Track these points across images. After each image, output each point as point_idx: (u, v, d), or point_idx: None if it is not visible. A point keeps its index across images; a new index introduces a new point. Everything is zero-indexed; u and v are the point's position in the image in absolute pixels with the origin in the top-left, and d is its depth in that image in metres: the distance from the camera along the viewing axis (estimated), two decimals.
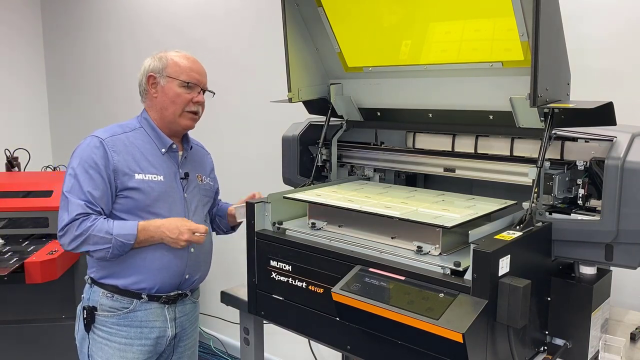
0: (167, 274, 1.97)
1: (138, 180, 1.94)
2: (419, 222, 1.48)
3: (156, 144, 2.03)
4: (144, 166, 1.97)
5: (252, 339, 2.08)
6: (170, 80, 1.99)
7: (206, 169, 2.22)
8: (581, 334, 1.54)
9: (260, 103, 3.22)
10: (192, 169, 2.11)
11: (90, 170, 1.90)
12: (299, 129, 2.16)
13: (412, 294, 1.37)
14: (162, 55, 2.04)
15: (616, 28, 2.07)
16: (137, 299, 1.96)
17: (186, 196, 2.04)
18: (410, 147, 2.01)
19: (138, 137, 2.02)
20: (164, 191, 1.98)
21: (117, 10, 4.36)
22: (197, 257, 2.04)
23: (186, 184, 2.05)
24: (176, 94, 1.99)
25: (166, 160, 2.03)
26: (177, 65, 2.00)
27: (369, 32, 1.87)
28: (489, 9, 1.56)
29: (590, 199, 1.55)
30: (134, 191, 1.93)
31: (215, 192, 2.27)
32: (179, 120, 2.02)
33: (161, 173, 1.99)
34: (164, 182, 1.98)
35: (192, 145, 2.18)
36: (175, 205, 2.00)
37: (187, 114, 2.03)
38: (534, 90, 1.41)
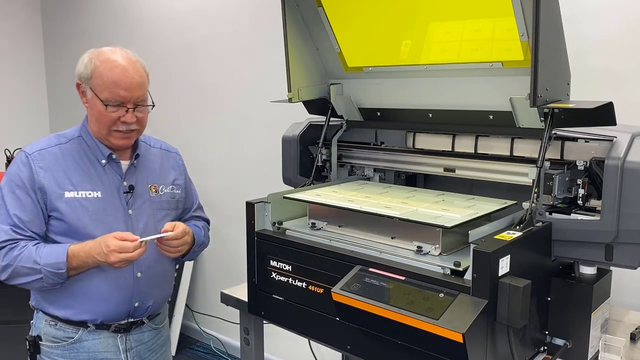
0: (111, 304, 1.76)
1: (68, 199, 1.71)
2: (419, 222, 1.48)
3: (95, 155, 1.79)
4: (77, 182, 1.74)
5: (252, 339, 2.08)
6: (94, 96, 1.72)
7: (167, 177, 1.94)
8: (581, 334, 1.54)
9: (260, 103, 3.22)
10: (142, 179, 1.87)
11: (17, 190, 1.70)
12: (299, 129, 2.16)
13: (412, 294, 1.37)
14: (92, 57, 1.75)
15: (616, 28, 2.07)
16: (84, 328, 1.76)
17: (131, 213, 1.80)
18: (410, 147, 2.01)
19: (75, 147, 1.79)
20: (102, 209, 1.75)
21: (117, 10, 4.37)
22: (148, 282, 1.82)
23: (131, 198, 1.81)
24: (100, 113, 1.73)
25: (107, 173, 1.79)
26: (100, 77, 1.70)
27: (369, 32, 1.87)
28: (489, 9, 1.56)
29: (590, 199, 1.55)
30: (63, 212, 1.71)
31: (182, 202, 2.00)
32: (108, 139, 1.78)
33: (99, 188, 1.76)
34: (101, 198, 1.76)
35: (150, 148, 1.95)
36: (117, 225, 1.76)
37: (116, 133, 1.76)
38: (534, 90, 1.41)
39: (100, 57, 1.73)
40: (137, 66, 1.75)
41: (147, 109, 1.81)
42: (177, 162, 2.03)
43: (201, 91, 3.78)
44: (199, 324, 4.07)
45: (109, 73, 1.70)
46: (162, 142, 2.05)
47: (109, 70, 1.71)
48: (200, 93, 3.79)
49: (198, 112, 3.83)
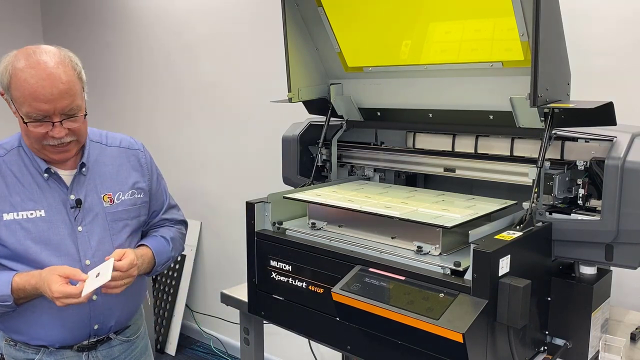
0: (65, 329, 1.60)
1: (8, 221, 1.53)
2: (419, 222, 1.48)
3: (35, 167, 1.59)
4: (17, 201, 1.55)
5: (252, 339, 2.08)
6: (15, 110, 1.49)
7: (125, 181, 1.72)
8: (581, 334, 1.54)
9: (260, 103, 3.22)
10: (92, 189, 1.65)
11: None
12: (299, 129, 2.16)
13: (412, 294, 1.37)
14: (9, 62, 1.47)
15: (616, 28, 2.07)
16: (44, 348, 1.62)
17: (81, 229, 1.61)
18: (410, 147, 2.01)
19: (13, 161, 1.58)
20: (46, 230, 1.56)
21: (117, 10, 4.37)
22: (106, 304, 1.65)
23: (79, 213, 1.61)
24: (25, 128, 1.51)
25: (51, 187, 1.59)
26: (17, 90, 1.45)
27: (369, 32, 1.87)
28: (489, 9, 1.56)
29: (590, 199, 1.55)
30: (2, 236, 1.53)
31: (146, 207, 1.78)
32: (44, 155, 1.57)
33: (42, 206, 1.56)
34: (45, 217, 1.56)
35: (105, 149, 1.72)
36: (65, 246, 1.57)
37: (49, 147, 1.54)
38: (534, 90, 1.41)
39: (18, 63, 1.46)
40: (60, 70, 1.47)
41: (80, 118, 1.54)
42: (139, 160, 1.78)
43: (201, 91, 3.78)
44: (199, 324, 4.07)
45: (24, 84, 1.43)
46: (123, 138, 1.80)
47: (25, 81, 1.43)
48: (200, 93, 3.79)
49: (198, 112, 3.83)
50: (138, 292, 1.82)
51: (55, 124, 1.49)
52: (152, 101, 4.16)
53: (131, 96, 4.36)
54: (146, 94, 4.19)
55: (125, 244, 1.71)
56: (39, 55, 1.48)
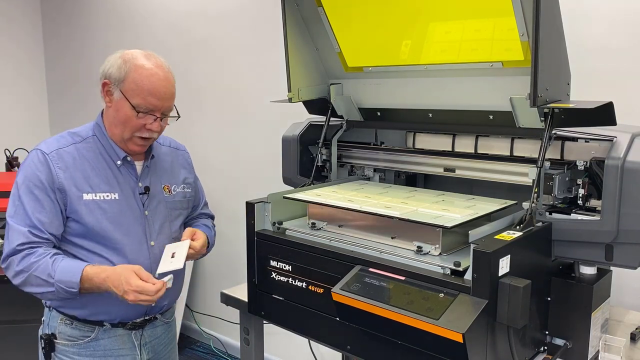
0: (128, 305, 1.68)
1: (87, 201, 1.69)
2: (419, 222, 1.48)
3: (110, 155, 1.77)
4: (95, 183, 1.72)
5: (252, 339, 2.08)
6: (124, 99, 1.68)
7: (177, 176, 1.94)
8: (581, 334, 1.54)
9: (260, 103, 3.22)
10: (156, 179, 1.86)
11: (36, 191, 1.65)
12: (299, 129, 2.16)
13: (412, 294, 1.37)
14: (126, 60, 1.71)
15: (616, 28, 2.07)
16: (100, 327, 1.76)
17: (147, 214, 1.80)
18: (410, 147, 2.01)
19: (89, 148, 1.76)
20: (120, 211, 1.74)
21: (117, 9, 4.37)
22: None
23: (147, 199, 1.80)
24: (127, 117, 1.70)
25: (123, 174, 1.78)
26: (135, 83, 1.67)
27: (369, 32, 1.87)
28: (489, 9, 1.56)
29: (590, 199, 1.55)
30: (82, 214, 1.68)
31: (192, 200, 2.00)
32: (125, 143, 1.76)
33: (116, 190, 1.75)
34: (119, 200, 1.74)
35: (160, 147, 1.93)
36: (134, 227, 1.76)
37: (136, 139, 1.74)
38: (534, 90, 1.41)
39: (136, 62, 1.70)
40: (170, 76, 1.75)
41: (171, 120, 1.80)
42: (186, 160, 2.02)
43: (201, 91, 3.78)
44: (199, 324, 4.07)
45: (145, 80, 1.68)
46: (171, 140, 2.02)
47: (146, 78, 1.68)
48: (200, 93, 3.79)
49: (198, 112, 3.83)
50: (182, 276, 1.97)
51: (156, 119, 1.72)
52: None
53: None
54: None
55: (179, 230, 1.91)
56: (156, 58, 1.74)
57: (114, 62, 1.71)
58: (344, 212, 1.66)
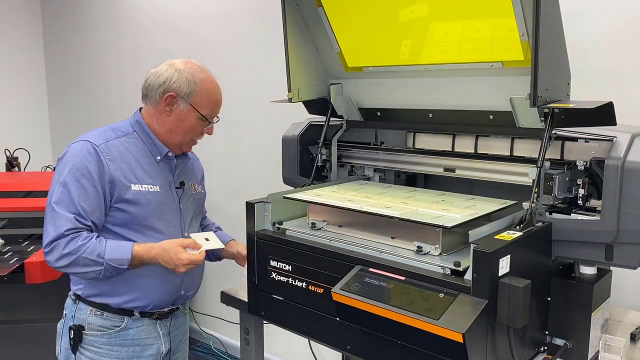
0: (163, 291, 1.88)
1: (134, 191, 1.80)
2: (419, 222, 1.48)
3: (151, 151, 1.88)
4: (140, 175, 1.83)
5: (252, 339, 2.08)
6: (192, 110, 1.84)
7: (198, 177, 2.11)
8: (581, 334, 1.54)
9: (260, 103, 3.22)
10: (186, 177, 2.00)
11: (83, 180, 1.74)
12: (299, 129, 2.16)
13: (412, 294, 1.37)
14: (192, 75, 1.84)
15: (616, 28, 2.07)
16: (129, 317, 1.86)
17: (182, 207, 1.93)
18: (410, 147, 2.01)
19: (132, 142, 1.87)
20: (161, 203, 1.85)
21: (117, 11, 4.37)
22: (194, 272, 1.95)
23: (182, 194, 1.94)
24: (192, 126, 1.87)
25: (162, 169, 1.90)
26: (205, 97, 1.85)
27: (369, 32, 1.87)
28: (489, 9, 1.56)
29: (590, 199, 1.55)
30: (130, 204, 1.79)
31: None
32: (181, 146, 1.92)
33: (157, 183, 1.86)
34: (160, 192, 1.86)
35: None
36: (172, 218, 1.89)
37: (191, 142, 1.95)
38: (534, 90, 1.41)
39: (200, 76, 1.84)
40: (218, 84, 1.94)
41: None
42: (198, 165, 2.17)
43: None
44: (199, 324, 4.07)
45: (212, 93, 1.87)
46: None
47: (212, 91, 1.88)
48: None
49: None
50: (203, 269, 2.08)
51: (212, 125, 1.93)
52: None
53: (131, 96, 4.36)
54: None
55: (200, 225, 2.10)
56: (207, 69, 1.91)
57: (178, 77, 1.82)
58: (344, 212, 1.66)
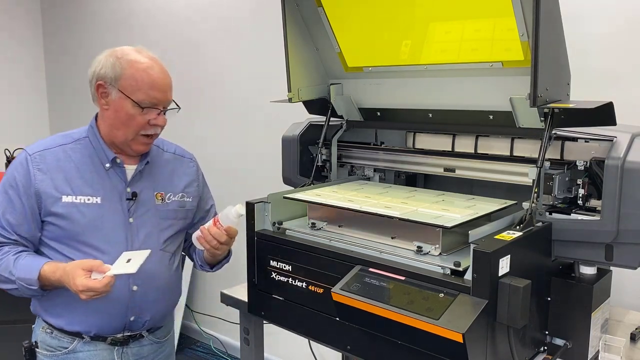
0: (103, 316, 1.67)
1: (65, 203, 1.64)
2: (419, 222, 1.48)
3: (100, 157, 1.71)
4: (77, 186, 1.66)
5: (252, 339, 2.08)
6: (123, 97, 1.63)
7: (177, 184, 1.85)
8: (581, 334, 1.54)
9: (260, 103, 3.22)
10: (148, 186, 1.77)
11: (10, 191, 1.64)
12: (299, 129, 2.16)
13: (412, 294, 1.37)
14: (118, 57, 1.66)
15: (616, 28, 2.07)
16: (79, 338, 1.70)
17: (132, 221, 1.72)
18: (410, 147, 2.01)
19: (79, 149, 1.71)
20: (100, 216, 1.67)
21: (117, 10, 4.37)
22: (146, 296, 1.73)
23: (133, 205, 1.72)
24: (128, 116, 1.65)
25: (111, 177, 1.71)
26: (133, 79, 1.63)
27: (369, 32, 1.87)
28: (489, 9, 1.56)
29: (590, 199, 1.55)
30: (59, 217, 1.64)
31: (193, 211, 1.90)
32: (129, 144, 1.70)
33: (99, 194, 1.68)
34: (101, 205, 1.67)
35: (163, 153, 1.87)
36: (115, 233, 1.68)
37: (141, 137, 1.69)
38: (534, 90, 1.41)
39: (129, 58, 1.66)
40: (165, 68, 1.72)
41: (173, 112, 1.75)
42: (191, 168, 1.94)
43: (201, 91, 3.78)
44: (199, 324, 4.07)
45: (144, 74, 1.64)
46: (177, 147, 1.96)
47: (144, 72, 1.65)
48: (200, 93, 3.79)
49: (198, 112, 3.83)
50: (174, 291, 1.87)
51: (161, 113, 1.68)
52: None
53: None
54: None
55: (168, 241, 1.81)
56: (147, 52, 1.72)
57: (105, 62, 1.66)
58: (344, 212, 1.66)
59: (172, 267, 1.83)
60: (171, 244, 1.83)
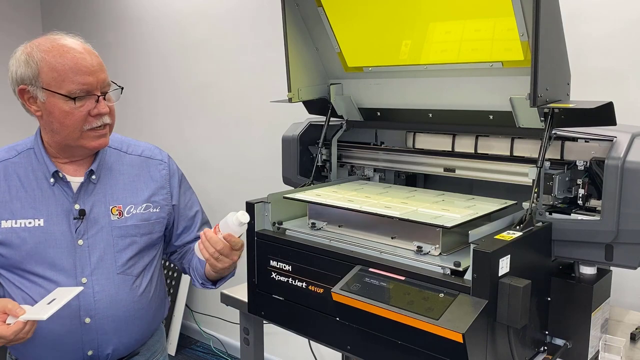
0: (58, 350, 1.49)
1: (4, 229, 1.45)
2: (419, 222, 1.48)
3: (43, 171, 1.50)
4: (17, 208, 1.47)
5: (252, 339, 2.08)
6: (50, 94, 1.40)
7: (139, 193, 1.59)
8: (581, 334, 1.54)
9: (260, 103, 3.22)
10: (101, 199, 1.53)
11: None
12: (299, 129, 2.16)
13: (412, 294, 1.37)
14: (29, 52, 1.42)
15: (616, 28, 2.07)
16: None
17: (82, 243, 1.50)
18: (410, 147, 2.01)
19: (22, 163, 1.51)
20: (43, 241, 1.46)
21: (117, 10, 4.37)
22: (102, 328, 1.51)
23: (81, 225, 1.49)
24: (64, 113, 1.41)
25: (56, 194, 1.49)
26: (53, 69, 1.39)
27: (369, 32, 1.87)
28: (489, 9, 1.56)
29: (590, 199, 1.55)
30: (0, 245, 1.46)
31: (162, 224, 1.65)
32: (82, 144, 1.47)
33: (42, 214, 1.47)
34: (43, 227, 1.47)
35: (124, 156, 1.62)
36: (61, 259, 1.47)
37: (90, 132, 1.45)
38: (534, 90, 1.41)
39: (42, 48, 1.41)
40: (88, 47, 1.46)
41: (115, 94, 1.49)
42: (160, 172, 1.65)
43: (201, 91, 3.78)
44: (199, 324, 4.07)
45: (62, 60, 1.39)
46: (147, 147, 1.69)
47: (60, 57, 1.39)
48: (200, 93, 3.79)
49: (198, 112, 3.83)
50: (146, 317, 1.64)
51: (100, 99, 1.43)
52: (151, 102, 4.16)
53: (131, 97, 4.36)
54: (146, 95, 4.19)
55: (130, 262, 1.57)
56: (62, 37, 1.46)
57: (18, 62, 1.44)
58: (344, 212, 1.66)
59: (137, 292, 1.58)
60: (135, 265, 1.59)
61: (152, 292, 1.65)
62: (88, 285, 1.50)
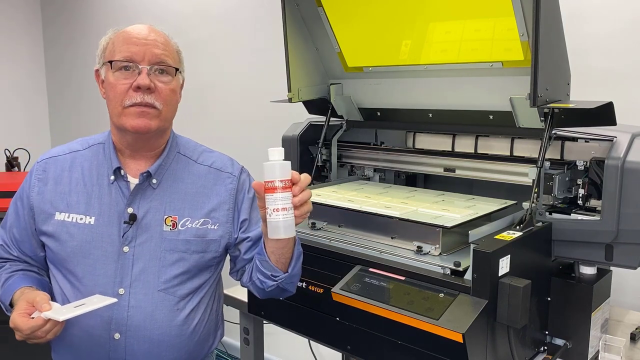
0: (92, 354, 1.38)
1: (57, 222, 1.38)
2: (419, 222, 1.48)
3: (106, 167, 1.42)
4: (73, 201, 1.39)
5: (252, 339, 2.08)
6: (107, 68, 1.36)
7: (200, 207, 1.44)
8: (581, 334, 1.54)
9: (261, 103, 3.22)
10: (158, 206, 1.40)
11: (18, 203, 1.45)
12: (299, 129, 2.16)
13: (412, 294, 1.37)
14: (107, 35, 1.42)
15: (616, 28, 2.07)
16: None
17: (127, 251, 1.38)
18: (410, 147, 2.01)
19: (89, 157, 1.45)
20: (90, 241, 1.37)
21: (117, 10, 4.37)
22: (132, 346, 1.37)
23: (130, 230, 1.37)
24: (110, 85, 1.36)
25: (112, 194, 1.40)
26: (113, 42, 1.37)
27: (369, 32, 1.87)
28: (489, 9, 1.56)
29: (590, 199, 1.55)
30: (49, 237, 1.39)
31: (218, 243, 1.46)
32: (123, 123, 1.35)
33: (94, 213, 1.38)
34: (93, 226, 1.37)
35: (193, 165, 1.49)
36: (103, 264, 1.36)
37: (131, 108, 1.34)
38: (534, 90, 1.41)
39: (119, 30, 1.40)
40: (159, 30, 1.40)
41: (169, 81, 1.37)
42: (226, 186, 1.50)
43: (201, 91, 3.78)
44: None
45: (120, 34, 1.37)
46: (219, 158, 1.57)
47: (122, 32, 1.37)
48: (200, 93, 3.79)
49: (197, 112, 3.83)
50: (186, 346, 1.44)
51: (142, 72, 1.33)
52: None
53: None
54: None
55: (175, 281, 1.40)
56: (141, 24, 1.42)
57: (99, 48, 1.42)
58: (344, 212, 1.66)
59: (178, 316, 1.41)
60: (181, 285, 1.42)
61: (197, 320, 1.46)
62: (124, 298, 1.37)
